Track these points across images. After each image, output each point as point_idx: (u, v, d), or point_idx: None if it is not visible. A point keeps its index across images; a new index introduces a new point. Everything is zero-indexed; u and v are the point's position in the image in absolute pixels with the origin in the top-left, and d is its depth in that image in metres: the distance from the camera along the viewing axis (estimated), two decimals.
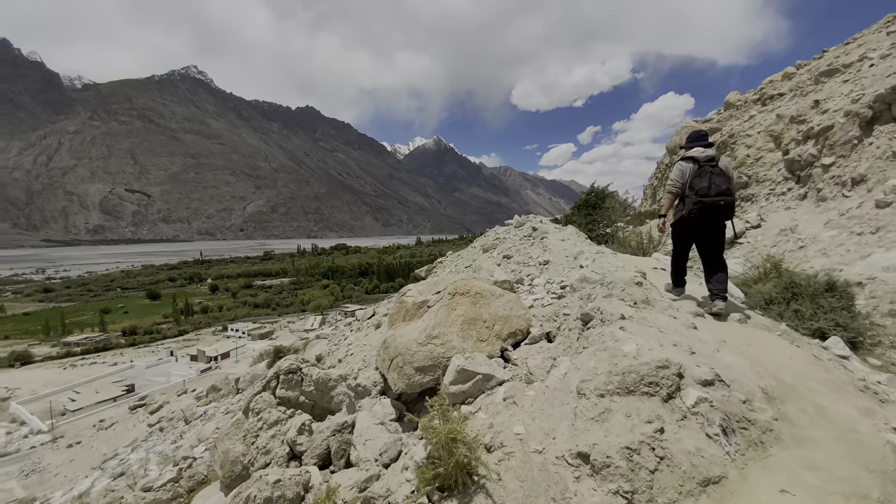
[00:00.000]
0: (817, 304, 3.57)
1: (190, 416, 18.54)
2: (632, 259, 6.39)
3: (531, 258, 9.73)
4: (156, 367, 62.27)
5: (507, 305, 3.75)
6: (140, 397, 43.96)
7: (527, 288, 5.42)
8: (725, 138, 11.12)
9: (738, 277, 6.68)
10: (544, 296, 4.75)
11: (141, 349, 78.48)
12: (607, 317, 2.81)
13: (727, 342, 2.60)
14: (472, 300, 3.62)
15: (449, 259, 17.62)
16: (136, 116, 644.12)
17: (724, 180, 3.69)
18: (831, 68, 9.45)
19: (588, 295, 3.50)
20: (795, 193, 8.02)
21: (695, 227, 3.85)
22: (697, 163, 3.79)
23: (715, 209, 3.66)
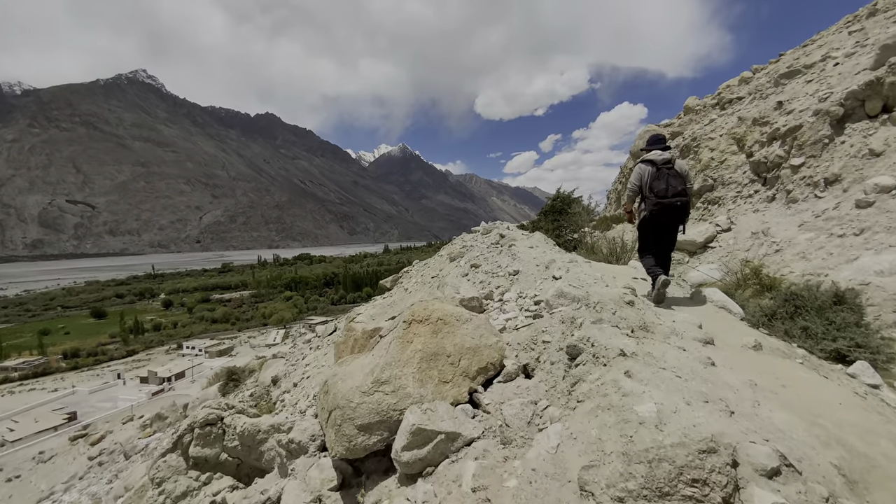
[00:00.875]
0: (827, 320, 3.12)
1: (130, 450, 16.63)
2: (608, 268, 5.92)
3: (500, 267, 9.12)
4: (101, 392, 57.35)
5: (476, 332, 3.04)
6: (83, 426, 40.01)
7: (497, 304, 4.76)
8: (688, 142, 11.05)
9: (717, 284, 6.32)
10: (517, 314, 4.11)
11: (84, 373, 72.41)
12: (601, 351, 2.18)
13: (758, 385, 2.02)
14: (434, 329, 2.89)
15: (415, 268, 16.81)
16: (78, 123, 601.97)
17: (679, 182, 3.92)
18: (792, 70, 9.52)
19: (571, 318, 2.85)
20: (763, 195, 7.87)
21: (656, 225, 4.14)
22: (655, 165, 3.99)
23: (672, 209, 3.95)
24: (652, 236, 4.26)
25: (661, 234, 4.21)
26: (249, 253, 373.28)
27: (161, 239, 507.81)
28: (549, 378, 2.55)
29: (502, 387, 2.73)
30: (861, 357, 2.86)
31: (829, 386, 2.28)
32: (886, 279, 4.26)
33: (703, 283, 6.54)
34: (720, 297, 3.76)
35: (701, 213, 9.28)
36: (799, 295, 3.49)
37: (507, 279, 7.18)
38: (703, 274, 6.44)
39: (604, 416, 1.62)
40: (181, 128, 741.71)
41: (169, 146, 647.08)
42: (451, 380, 2.65)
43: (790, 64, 10.41)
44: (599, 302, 2.79)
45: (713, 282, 6.39)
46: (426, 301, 3.20)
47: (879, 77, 6.28)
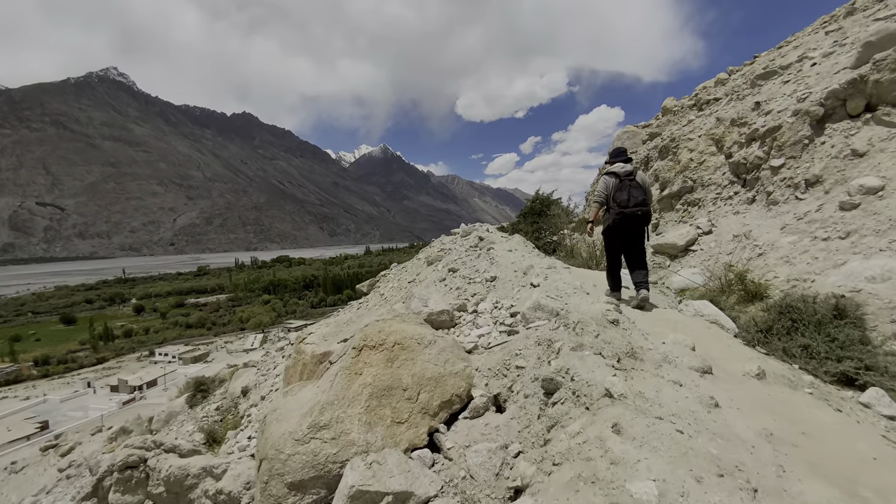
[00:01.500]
0: (829, 337, 2.83)
1: (94, 465, 15.55)
2: (587, 274, 5.60)
3: (478, 272, 8.73)
4: (72, 401, 54.97)
5: (441, 358, 2.62)
6: (55, 435, 38.03)
7: (470, 317, 4.36)
8: (667, 142, 10.91)
9: (699, 289, 6.07)
10: (491, 329, 3.72)
11: (55, 381, 69.43)
12: (583, 388, 1.79)
13: (775, 435, 1.67)
14: (389, 356, 2.45)
15: (393, 272, 16.28)
16: (48, 123, 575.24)
17: (640, 192, 4.16)
18: (768, 71, 9.45)
19: (549, 341, 2.46)
20: (743, 197, 7.71)
21: (619, 234, 4.32)
22: (618, 177, 4.25)
23: (634, 218, 4.16)
24: (616, 244, 4.44)
25: (627, 242, 4.38)
26: (226, 255, 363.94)
27: (132, 242, 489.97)
28: (523, 415, 2.15)
29: (469, 424, 2.32)
30: (871, 380, 2.57)
31: (853, 428, 1.96)
32: (879, 286, 4.04)
33: (686, 288, 6.29)
34: (711, 311, 3.46)
35: (681, 214, 9.11)
36: (795, 307, 3.21)
37: (484, 286, 6.79)
38: (686, 279, 6.19)
39: (587, 494, 1.22)
40: (153, 127, 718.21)
41: (140, 146, 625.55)
42: (407, 419, 2.22)
43: (766, 65, 10.38)
44: (580, 322, 2.42)
45: (696, 287, 6.15)
46: (383, 321, 2.76)
47: (863, 75, 6.15)
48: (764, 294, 5.09)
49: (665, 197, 9.69)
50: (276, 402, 2.72)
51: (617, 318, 2.51)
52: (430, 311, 3.76)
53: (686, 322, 3.16)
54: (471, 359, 2.86)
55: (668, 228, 9.13)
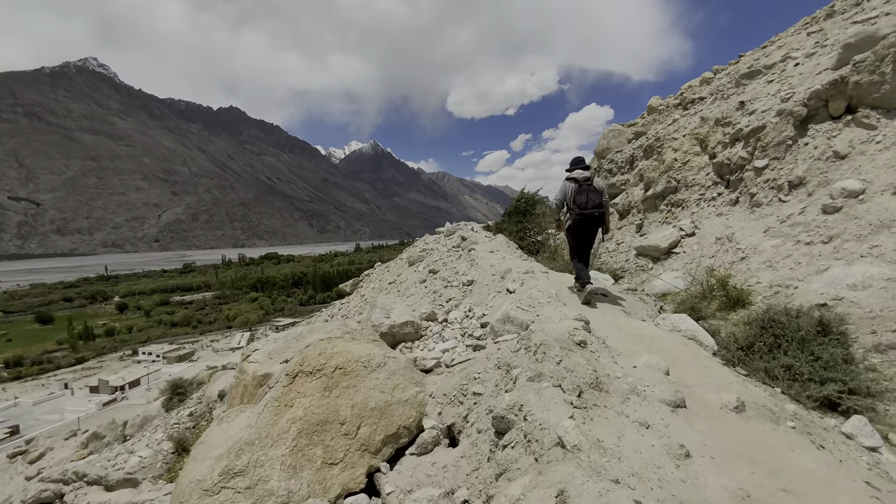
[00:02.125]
0: (812, 355, 2.62)
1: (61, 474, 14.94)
2: (565, 280, 5.36)
3: (457, 274, 8.47)
4: (46, 403, 53.08)
5: (389, 383, 2.34)
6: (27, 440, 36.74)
7: (438, 327, 4.09)
8: (652, 142, 10.76)
9: (681, 295, 5.89)
10: (457, 343, 3.45)
11: (28, 383, 67.07)
12: (535, 432, 1.54)
13: (752, 496, 1.43)
14: (327, 384, 2.16)
15: (377, 272, 15.94)
16: (21, 114, 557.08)
17: (597, 196, 4.69)
18: (752, 70, 9.32)
19: (508, 366, 2.20)
20: (726, 198, 7.57)
21: (579, 231, 4.84)
22: (578, 182, 4.76)
23: (592, 218, 4.69)
24: (576, 240, 4.98)
25: (583, 238, 4.93)
26: (213, 252, 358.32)
27: (115, 238, 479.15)
28: (474, 454, 1.88)
29: (414, 463, 2.05)
30: (854, 405, 2.37)
31: (836, 475, 1.73)
32: (860, 294, 3.87)
33: (668, 293, 6.10)
34: (689, 326, 3.24)
35: (665, 215, 8.96)
36: (777, 322, 3.00)
37: (461, 290, 6.52)
38: (667, 283, 6.01)
39: None
40: (137, 120, 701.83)
41: (123, 139, 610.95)
42: (343, 459, 1.94)
43: (750, 64, 10.27)
44: (542, 344, 2.16)
45: (678, 291, 5.96)
46: (328, 340, 2.47)
47: (843, 76, 6.01)
48: (746, 301, 4.92)
49: (649, 197, 9.54)
50: (208, 431, 2.41)
51: (584, 339, 2.25)
52: (392, 323, 3.49)
53: (662, 338, 2.94)
54: (427, 381, 2.59)
55: (652, 230, 8.98)
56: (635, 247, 7.76)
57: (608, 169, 12.43)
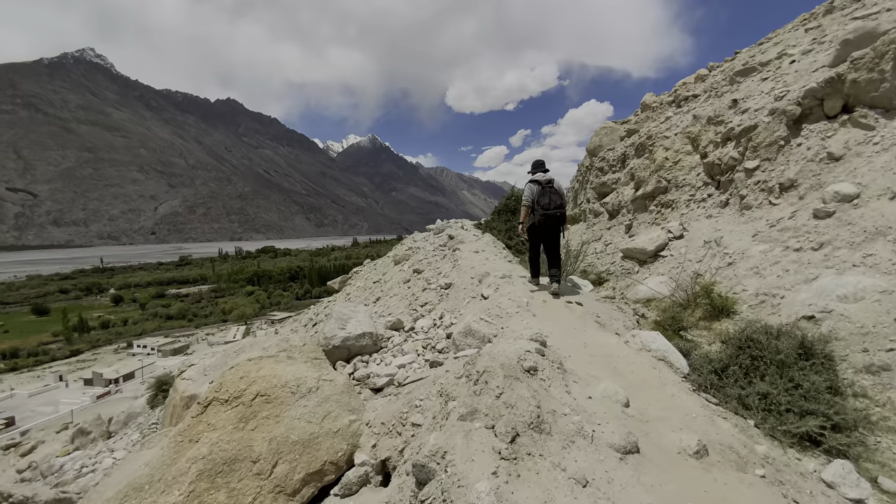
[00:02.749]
0: (792, 382, 2.39)
1: (46, 470, 14.78)
2: (542, 284, 5.13)
3: (440, 274, 8.23)
4: (41, 395, 52.86)
5: (319, 411, 2.08)
6: (21, 432, 36.55)
7: (401, 338, 3.83)
8: (644, 140, 10.49)
9: (664, 301, 5.65)
10: (415, 359, 3.21)
11: (24, 374, 66.77)
12: (452, 492, 1.30)
13: None
14: (243, 414, 1.91)
15: (366, 269, 15.69)
16: (20, 105, 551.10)
17: (558, 197, 5.05)
18: (747, 67, 9.05)
19: (447, 396, 1.95)
20: (716, 200, 7.32)
21: (541, 232, 5.15)
22: (541, 185, 5.08)
23: (554, 218, 5.01)
24: (538, 239, 5.34)
25: (547, 237, 5.24)
26: (210, 245, 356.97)
27: (111, 230, 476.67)
28: (400, 500, 1.63)
29: None
30: (837, 444, 2.14)
31: None
32: (851, 307, 3.63)
33: (652, 299, 5.87)
34: (660, 345, 2.99)
35: (654, 216, 8.71)
36: (755, 341, 2.76)
37: (438, 293, 6.28)
38: (651, 289, 5.77)
39: None
40: (133, 111, 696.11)
41: (119, 131, 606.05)
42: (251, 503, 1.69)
43: (746, 61, 9.99)
44: (486, 372, 1.91)
45: (662, 298, 5.73)
46: (256, 361, 2.21)
47: (840, 74, 5.75)
48: (730, 310, 4.69)
49: (639, 197, 9.28)
50: (123, 460, 2.16)
51: (535, 365, 2.00)
52: (347, 335, 3.24)
53: (630, 359, 2.69)
54: (366, 407, 2.34)
55: (641, 230, 8.74)
56: (622, 249, 7.53)
57: (599, 167, 12.17)
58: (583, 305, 3.99)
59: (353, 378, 3.07)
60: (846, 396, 2.49)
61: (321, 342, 3.26)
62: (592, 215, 11.48)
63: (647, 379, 2.42)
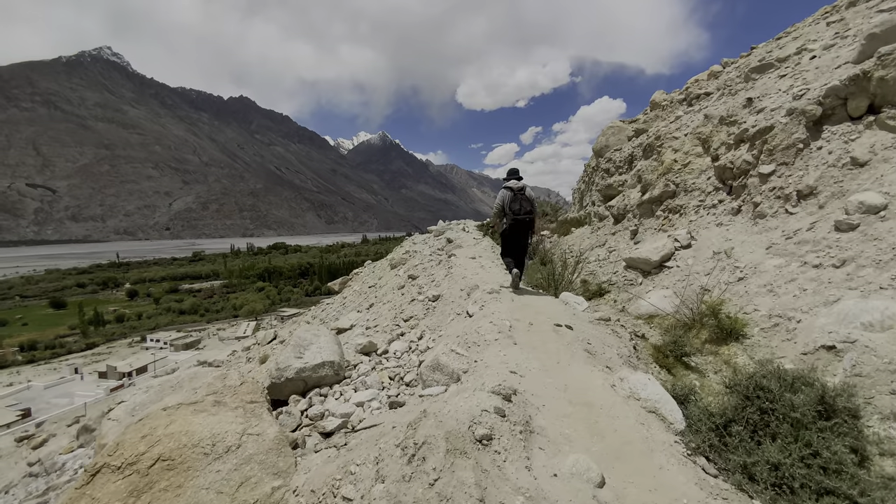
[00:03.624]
0: (808, 447, 1.99)
1: (49, 466, 14.87)
2: (534, 303, 4.71)
3: (432, 282, 7.88)
4: (57, 387, 54.01)
5: (235, 477, 1.75)
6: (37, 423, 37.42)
7: (369, 365, 3.49)
8: (652, 140, 9.97)
9: (667, 319, 5.21)
10: (376, 395, 2.86)
11: (41, 366, 68.24)
12: None
13: None
14: (136, 486, 1.59)
15: (366, 270, 15.44)
16: (39, 102, 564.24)
17: (528, 204, 5.42)
18: (764, 63, 8.48)
19: (377, 473, 1.60)
20: (728, 207, 6.82)
21: (512, 235, 5.49)
22: (513, 191, 5.42)
23: (523, 223, 5.40)
24: (510, 241, 5.66)
25: (517, 240, 5.63)
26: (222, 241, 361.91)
27: (127, 226, 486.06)
28: None
29: None
30: None
31: None
32: (878, 336, 3.18)
33: (654, 316, 5.43)
34: (653, 394, 2.55)
35: (661, 222, 8.23)
36: (766, 390, 2.35)
37: (425, 306, 5.93)
38: (654, 305, 5.33)
39: None
40: (148, 109, 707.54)
41: (135, 128, 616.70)
42: None
43: (762, 57, 9.41)
44: (426, 444, 1.55)
45: (665, 315, 5.29)
46: (169, 412, 1.88)
47: (866, 71, 5.22)
48: (740, 332, 4.25)
49: (646, 201, 8.79)
50: None
51: (489, 433, 1.64)
52: (303, 365, 2.91)
53: (614, 411, 2.30)
54: (298, 468, 2.00)
55: (647, 237, 8.26)
56: (624, 259, 7.07)
57: (605, 168, 11.66)
58: (573, 329, 3.59)
59: (307, 416, 2.74)
60: (871, 458, 2.08)
61: (272, 374, 2.94)
62: (597, 219, 11.00)
63: (633, 441, 2.03)
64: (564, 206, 18.11)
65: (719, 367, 3.91)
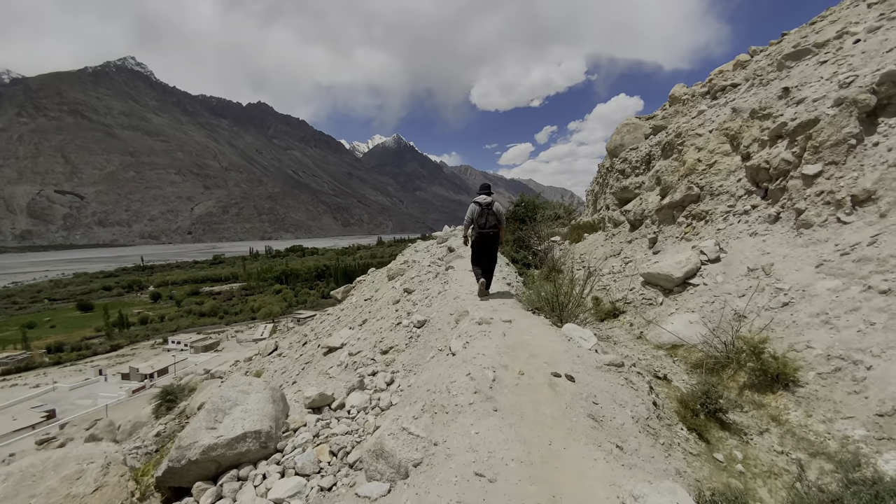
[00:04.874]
0: None
1: None
2: (532, 339, 3.90)
3: (426, 297, 7.16)
4: (81, 389, 55.25)
5: None
6: (61, 425, 38.26)
7: (306, 437, 2.76)
8: (672, 138, 9.03)
9: (694, 352, 4.36)
10: (302, 487, 2.17)
11: (67, 368, 70.18)
12: None
13: None
14: None
15: (368, 278, 14.85)
16: (67, 112, 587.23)
17: (494, 218, 5.89)
18: (799, 49, 7.49)
19: None
20: (763, 213, 5.90)
21: (479, 246, 5.98)
22: (481, 206, 5.93)
23: (489, 236, 5.88)
24: (477, 252, 5.96)
25: (483, 251, 5.93)
26: (241, 244, 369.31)
27: (152, 230, 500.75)
28: None
29: None
30: None
31: None
32: None
33: (678, 346, 4.58)
34: None
35: (684, 229, 7.31)
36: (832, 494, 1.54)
37: (408, 334, 5.19)
38: (676, 335, 4.48)
39: None
40: (171, 117, 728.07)
41: (159, 135, 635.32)
42: None
43: (796, 43, 8.38)
44: None
45: (691, 346, 4.43)
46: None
47: None
48: (791, 377, 3.39)
49: (666, 206, 7.88)
50: None
51: None
52: (216, 440, 2.23)
53: None
54: None
55: (668, 247, 7.35)
56: (642, 273, 6.20)
57: (620, 169, 10.73)
58: (575, 381, 2.82)
59: None
60: None
61: (171, 455, 2.29)
62: (612, 224, 10.10)
63: None
64: (580, 206, 17.15)
65: (765, 425, 3.07)
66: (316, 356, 8.38)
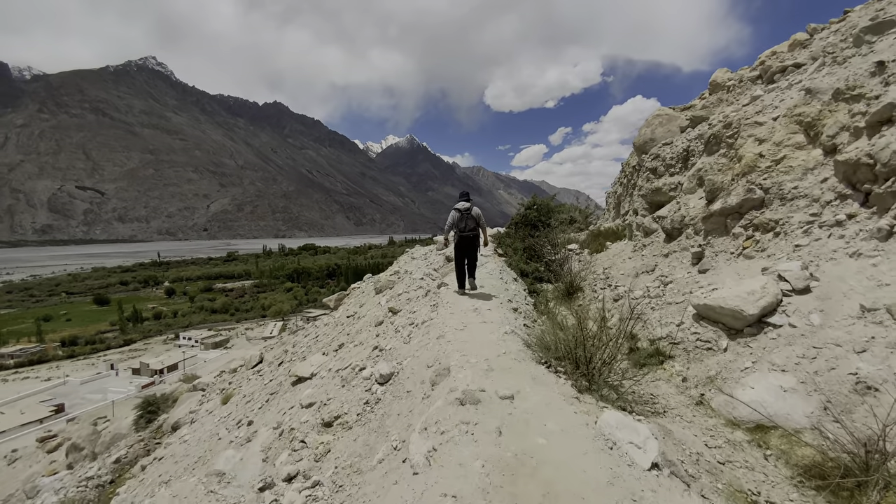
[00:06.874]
0: None
1: (29, 490, 13.63)
2: (541, 451, 2.39)
3: (412, 322, 5.67)
4: (92, 383, 55.21)
5: None
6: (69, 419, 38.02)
7: None
8: (718, 130, 7.36)
9: (799, 445, 2.79)
10: None
11: (80, 361, 70.69)
12: None
13: None
14: None
15: (363, 285, 13.48)
16: (88, 109, 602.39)
17: (472, 222, 6.44)
18: (879, 22, 5.82)
19: None
20: (867, 226, 4.28)
21: (460, 249, 6.52)
22: (460, 212, 6.41)
23: (468, 238, 6.42)
24: (459, 253, 6.62)
25: (465, 253, 6.59)
26: (255, 242, 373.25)
27: (169, 226, 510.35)
28: None
29: None
30: None
31: None
32: None
33: (762, 428, 3.00)
34: None
35: (741, 243, 5.69)
36: None
37: (364, 393, 3.70)
38: (762, 411, 2.92)
39: None
40: (190, 116, 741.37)
41: (177, 134, 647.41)
42: None
43: (873, 16, 6.67)
44: None
45: (789, 434, 2.86)
46: None
47: None
48: None
49: (716, 213, 6.25)
50: None
51: None
52: None
53: None
54: None
55: (720, 265, 5.73)
56: (695, 306, 4.60)
57: (651, 168, 9.08)
58: None
59: None
60: None
61: None
62: (641, 233, 8.47)
63: None
64: (596, 211, 15.44)
65: None
66: (284, 385, 7.02)
